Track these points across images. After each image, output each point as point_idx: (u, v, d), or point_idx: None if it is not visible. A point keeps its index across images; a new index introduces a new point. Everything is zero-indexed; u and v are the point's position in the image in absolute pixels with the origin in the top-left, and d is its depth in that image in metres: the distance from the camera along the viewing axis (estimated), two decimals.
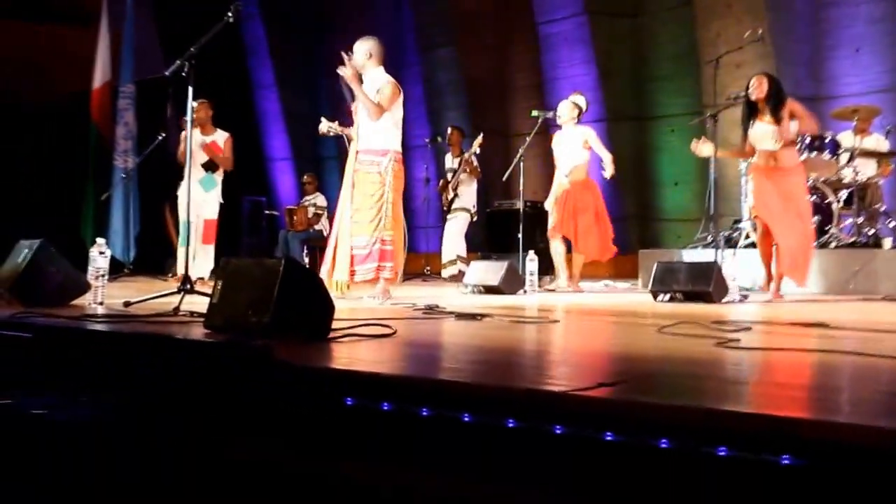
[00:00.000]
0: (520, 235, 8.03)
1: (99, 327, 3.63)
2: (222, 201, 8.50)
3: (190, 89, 4.95)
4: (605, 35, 11.55)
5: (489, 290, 7.26)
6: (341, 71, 6.07)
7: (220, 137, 8.50)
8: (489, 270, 7.46)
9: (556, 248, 8.16)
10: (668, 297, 6.17)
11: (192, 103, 5.01)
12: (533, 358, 3.03)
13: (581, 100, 8.18)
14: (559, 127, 8.29)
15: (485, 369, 2.65)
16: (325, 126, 6.55)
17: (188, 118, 5.19)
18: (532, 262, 7.37)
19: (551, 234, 8.16)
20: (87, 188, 11.46)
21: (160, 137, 9.55)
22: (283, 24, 15.16)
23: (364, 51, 6.29)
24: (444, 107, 13.29)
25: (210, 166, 8.35)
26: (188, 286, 4.81)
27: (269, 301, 3.21)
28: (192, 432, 2.43)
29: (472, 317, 4.50)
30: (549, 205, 8.25)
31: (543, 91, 12.02)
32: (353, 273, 6.06)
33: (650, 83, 11.52)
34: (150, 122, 10.88)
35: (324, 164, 15.07)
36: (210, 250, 8.29)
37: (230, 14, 5.04)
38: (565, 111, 8.12)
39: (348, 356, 2.87)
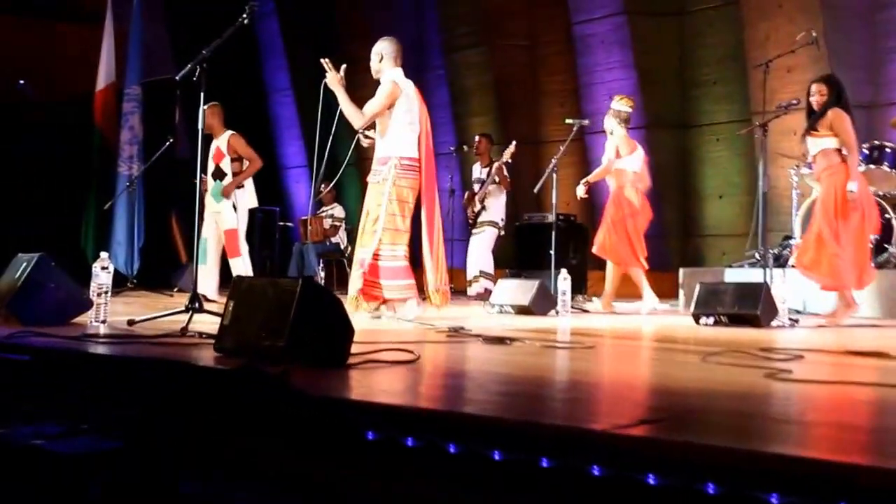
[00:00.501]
0: (551, 252, 8.02)
1: (101, 350, 3.65)
2: (236, 209, 8.36)
3: (202, 95, 4.98)
4: (646, 36, 11.52)
5: (518, 310, 7.25)
6: (328, 79, 6.17)
7: (224, 139, 8.41)
8: (518, 289, 7.46)
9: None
10: (711, 320, 6.14)
11: (203, 108, 5.02)
12: (567, 389, 3.03)
13: (617, 103, 8.16)
14: (594, 134, 8.33)
15: (515, 402, 2.65)
16: (366, 142, 6.60)
17: (200, 126, 5.21)
18: (565, 280, 7.35)
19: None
20: (89, 196, 11.57)
21: (168, 143, 9.62)
22: (299, 23, 15.26)
23: (375, 53, 6.36)
24: (470, 112, 13.32)
25: (218, 174, 8.38)
26: (196, 305, 4.83)
27: (285, 324, 3.22)
28: (201, 465, 2.44)
29: (501, 341, 4.50)
30: (581, 189, 8.35)
31: (578, 96, 12.02)
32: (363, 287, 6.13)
33: (694, 88, 11.48)
34: (157, 126, 10.99)
35: (343, 172, 15.13)
36: (239, 263, 8.24)
37: (245, 16, 5.08)
38: (607, 122, 8.21)
39: (368, 385, 2.88)
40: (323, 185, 12.20)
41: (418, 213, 6.35)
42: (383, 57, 6.32)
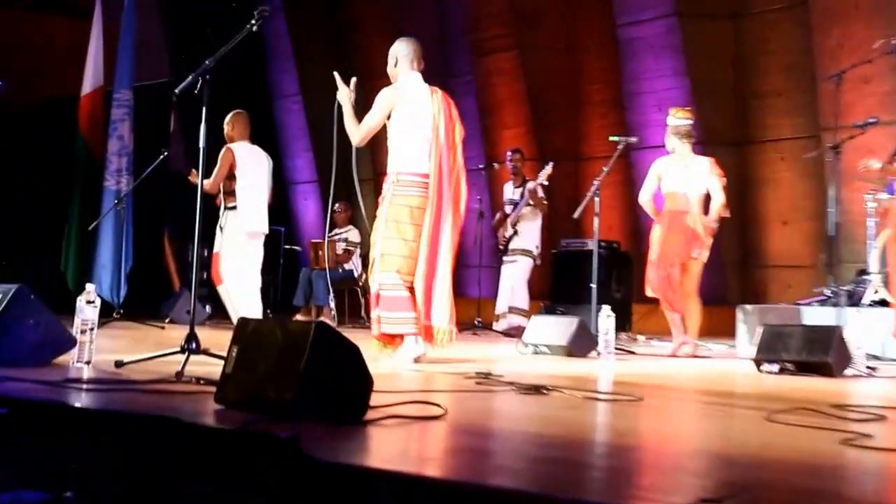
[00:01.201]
0: (593, 284, 8.00)
1: (86, 400, 3.67)
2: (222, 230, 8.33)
3: (204, 111, 5.01)
4: (700, 41, 11.53)
5: (555, 350, 7.23)
6: (339, 95, 6.20)
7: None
8: (555, 327, 7.45)
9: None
10: (776, 367, 6.09)
11: (204, 128, 5.04)
12: (613, 456, 3.01)
13: (673, 119, 8.13)
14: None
15: (552, 471, 2.63)
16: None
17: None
18: (608, 318, 7.32)
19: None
20: (72, 213, 11.64)
21: (162, 155, 9.65)
22: (308, 20, 15.36)
23: (389, 56, 6.38)
24: (500, 124, 13.36)
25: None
26: (194, 346, 4.84)
27: (294, 374, 3.22)
28: None
29: (536, 390, 4.48)
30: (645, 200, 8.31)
31: (623, 107, 12.04)
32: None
33: (754, 100, 11.46)
34: (149, 135, 11.07)
35: (355, 188, 15.17)
36: (223, 293, 8.23)
37: (254, 22, 5.12)
38: (667, 142, 8.18)
39: (389, 449, 2.87)
40: (337, 206, 12.28)
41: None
42: (398, 60, 6.34)
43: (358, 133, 6.18)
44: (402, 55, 6.36)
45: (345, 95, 6.23)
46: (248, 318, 3.71)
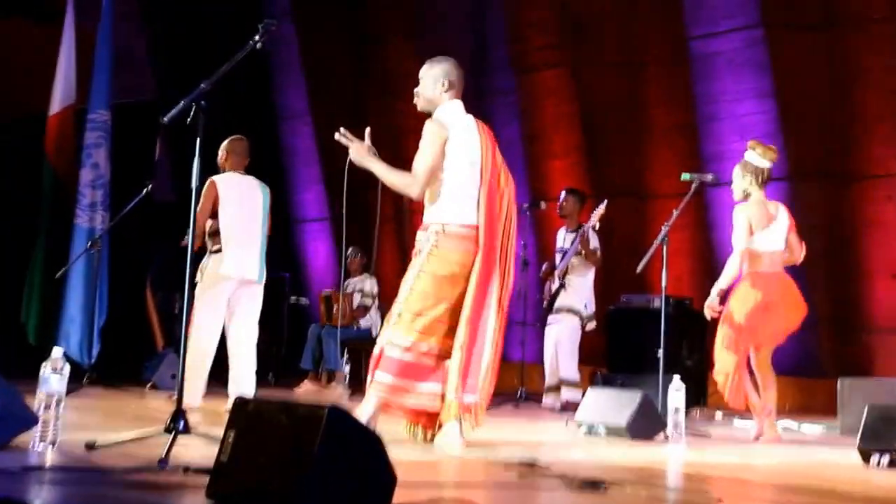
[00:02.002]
0: (660, 351, 7.93)
1: (49, 495, 3.64)
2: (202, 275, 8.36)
3: (198, 142, 5.02)
4: (790, 56, 11.49)
5: (613, 432, 7.18)
6: (352, 154, 6.23)
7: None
8: (613, 402, 7.39)
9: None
10: (886, 459, 6.00)
11: (198, 164, 5.05)
12: None
13: (750, 154, 8.04)
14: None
15: None
16: None
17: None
18: (678, 391, 7.26)
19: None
20: (35, 255, 11.65)
21: (146, 188, 9.64)
22: (321, 29, 15.44)
23: (431, 77, 6.34)
24: (548, 153, 13.36)
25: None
26: (181, 424, 4.82)
27: (303, 467, 3.21)
28: None
29: (591, 486, 4.43)
30: (712, 304, 8.09)
31: (697, 134, 12.01)
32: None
33: (854, 126, 11.39)
34: (130, 164, 11.10)
35: (376, 230, 15.19)
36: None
37: (259, 37, 5.14)
38: (733, 186, 8.07)
39: None
40: (350, 251, 12.28)
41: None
42: (449, 84, 6.32)
43: (416, 182, 6.10)
44: (453, 76, 6.36)
45: (364, 152, 6.24)
46: (247, 398, 3.70)
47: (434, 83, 6.33)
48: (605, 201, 9.98)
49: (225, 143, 8.43)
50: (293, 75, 15.73)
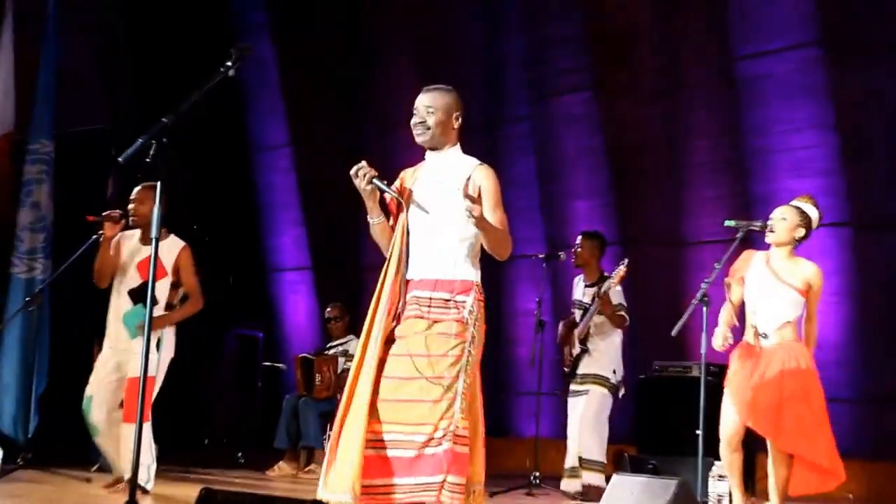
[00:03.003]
0: (699, 432, 7.89)
1: None
2: (172, 354, 8.56)
3: (158, 187, 5.02)
4: (853, 80, 11.47)
5: None
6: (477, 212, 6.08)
7: (169, 250, 8.56)
8: (644, 490, 7.37)
9: (729, 457, 8.01)
10: None
11: (157, 213, 5.05)
12: None
13: (810, 207, 8.08)
14: (768, 246, 8.22)
15: None
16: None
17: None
18: (721, 480, 7.24)
19: (724, 431, 8.04)
20: None
21: (96, 236, 9.59)
22: (305, 49, 15.45)
23: (450, 109, 6.27)
24: (569, 193, 13.36)
25: (144, 297, 8.39)
26: None
27: None
28: None
29: None
30: (720, 339, 8.18)
31: (743, 171, 11.99)
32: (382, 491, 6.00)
33: None
34: (77, 204, 11.02)
35: (367, 280, 15.16)
36: (145, 430, 8.21)
37: (231, 63, 5.15)
38: (781, 224, 8.03)
39: None
40: (330, 308, 12.24)
41: None
42: (460, 120, 6.31)
43: (508, 240, 6.12)
44: (461, 112, 6.35)
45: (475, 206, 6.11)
46: (213, 490, 3.69)
47: (450, 116, 6.29)
48: (627, 261, 9.80)
49: (160, 189, 8.41)
50: (270, 100, 15.81)
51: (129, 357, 8.38)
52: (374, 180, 5.92)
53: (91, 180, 11.58)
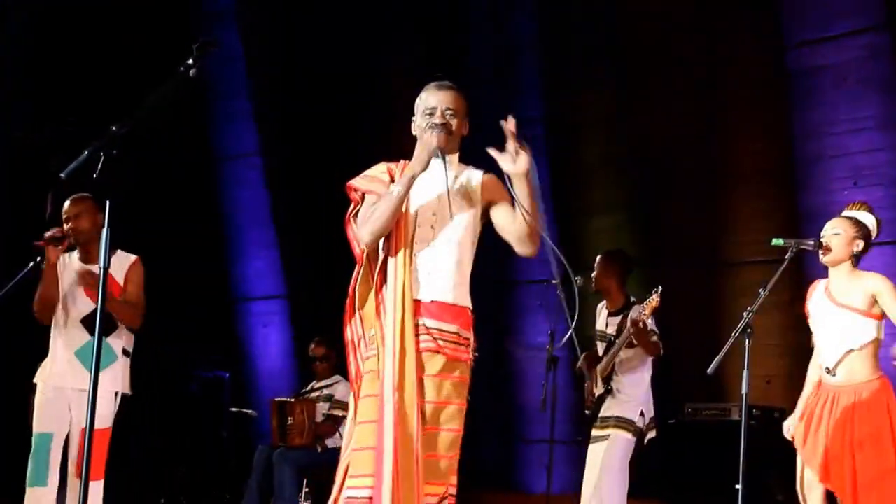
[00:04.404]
0: (738, 486, 8.03)
1: None
2: (128, 392, 8.66)
3: (107, 206, 5.15)
4: None
5: None
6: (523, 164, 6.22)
7: (120, 265, 8.67)
8: None
9: None
10: None
11: (106, 236, 5.19)
12: None
13: (867, 216, 8.17)
14: (823, 268, 8.31)
15: None
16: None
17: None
18: None
19: (802, 485, 8.14)
20: None
21: (34, 262, 9.74)
22: (276, 40, 15.56)
23: (464, 111, 6.41)
24: (589, 208, 13.44)
25: (91, 322, 8.53)
26: None
27: None
28: None
29: None
30: (791, 427, 8.25)
31: (794, 181, 12.05)
32: None
33: None
34: (12, 223, 11.15)
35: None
36: (94, 489, 8.36)
37: (192, 62, 5.27)
38: (835, 240, 8.13)
39: None
40: (314, 345, 12.32)
41: None
42: (467, 125, 6.49)
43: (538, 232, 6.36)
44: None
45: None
46: None
47: (465, 121, 6.45)
48: (660, 288, 9.82)
49: (109, 208, 8.55)
50: (238, 102, 15.96)
51: (80, 402, 8.42)
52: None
53: (28, 198, 11.65)
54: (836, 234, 8.05)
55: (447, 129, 6.18)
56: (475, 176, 6.37)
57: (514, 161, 6.05)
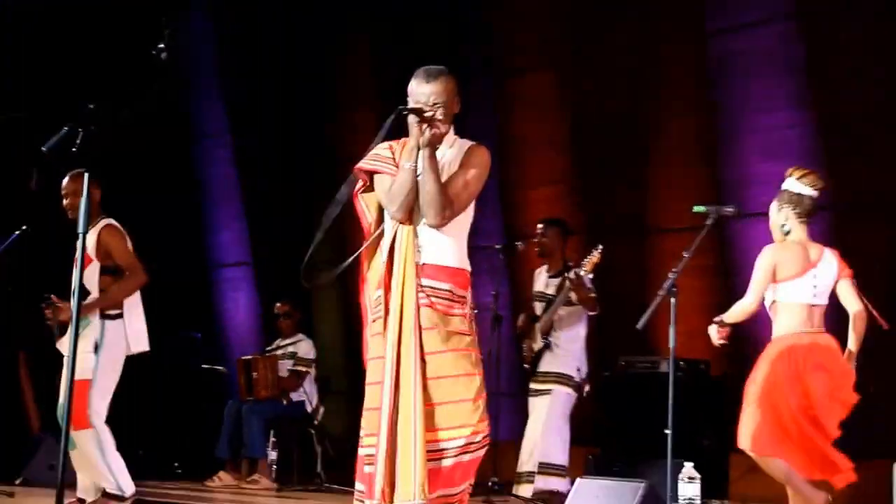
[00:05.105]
0: (668, 431, 8.00)
1: None
2: (97, 349, 8.45)
3: (86, 178, 5.07)
4: (834, 55, 11.46)
5: None
6: (439, 127, 6.15)
7: (92, 234, 8.49)
8: (609, 496, 7.47)
9: (780, 466, 7.90)
10: None
11: (85, 205, 5.11)
12: None
13: (791, 181, 8.02)
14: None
15: None
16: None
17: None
18: (691, 482, 7.34)
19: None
20: None
21: (19, 231, 9.60)
22: (246, 24, 15.44)
23: (454, 93, 6.34)
24: (530, 181, 13.35)
25: (82, 292, 8.43)
26: None
27: None
28: None
29: None
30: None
31: (715, 155, 12.02)
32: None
33: None
34: None
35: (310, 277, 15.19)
36: (88, 442, 8.24)
37: (163, 46, 5.20)
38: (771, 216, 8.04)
39: None
40: (279, 305, 12.30)
41: None
42: (459, 103, 6.42)
43: (451, 209, 6.17)
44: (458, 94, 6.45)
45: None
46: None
47: (454, 102, 6.37)
48: (601, 247, 9.87)
49: (88, 179, 8.46)
50: (208, 85, 15.89)
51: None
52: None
53: (10, 173, 11.51)
54: (770, 214, 8.10)
55: (431, 122, 6.09)
56: (464, 146, 6.31)
57: (421, 134, 6.06)
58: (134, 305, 8.48)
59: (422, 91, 6.18)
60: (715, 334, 8.01)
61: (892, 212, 11.26)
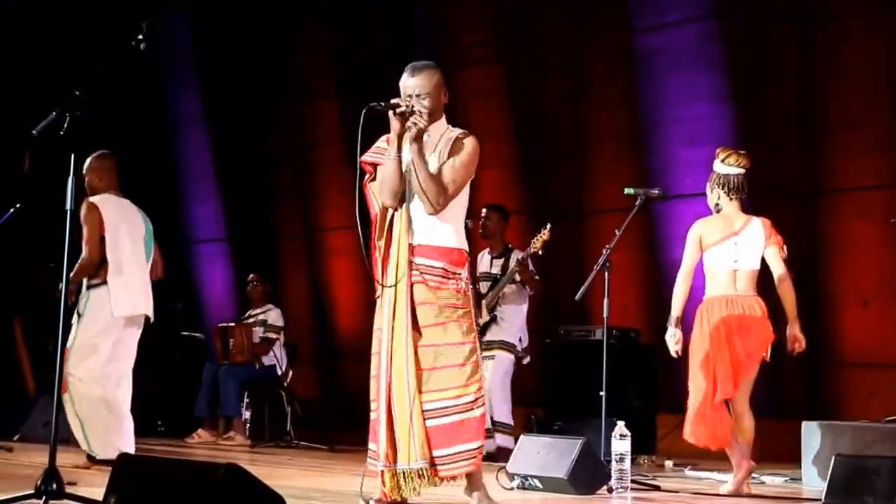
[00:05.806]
0: (602, 393, 8.04)
1: None
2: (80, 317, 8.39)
3: (72, 159, 5.05)
4: (750, 53, 11.47)
5: (550, 485, 7.25)
6: (417, 120, 6.13)
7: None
8: (549, 451, 7.43)
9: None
10: None
11: (72, 184, 5.08)
12: None
13: (717, 163, 7.98)
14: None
15: None
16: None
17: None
18: (623, 438, 7.36)
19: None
20: None
21: (13, 209, 9.55)
22: (217, 18, 15.37)
23: (440, 87, 6.31)
24: (478, 165, 13.31)
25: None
26: (54, 486, 4.82)
27: None
28: None
29: None
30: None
31: (643, 143, 12.05)
32: (433, 463, 6.08)
33: (825, 136, 11.26)
34: None
35: (282, 250, 15.15)
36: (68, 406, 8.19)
37: (141, 37, 5.15)
38: (707, 194, 8.03)
39: None
40: (251, 277, 12.31)
41: None
42: (447, 93, 6.40)
43: (447, 197, 6.21)
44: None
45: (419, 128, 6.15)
46: (130, 455, 3.74)
47: (441, 94, 6.33)
48: (549, 226, 9.88)
49: (94, 159, 8.41)
50: (184, 73, 15.77)
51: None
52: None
53: (3, 155, 11.41)
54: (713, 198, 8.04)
55: (406, 116, 6.08)
56: (454, 135, 6.34)
57: (401, 127, 6.10)
58: (116, 274, 8.34)
59: (408, 84, 6.22)
60: (672, 342, 7.75)
61: (798, 194, 11.41)
